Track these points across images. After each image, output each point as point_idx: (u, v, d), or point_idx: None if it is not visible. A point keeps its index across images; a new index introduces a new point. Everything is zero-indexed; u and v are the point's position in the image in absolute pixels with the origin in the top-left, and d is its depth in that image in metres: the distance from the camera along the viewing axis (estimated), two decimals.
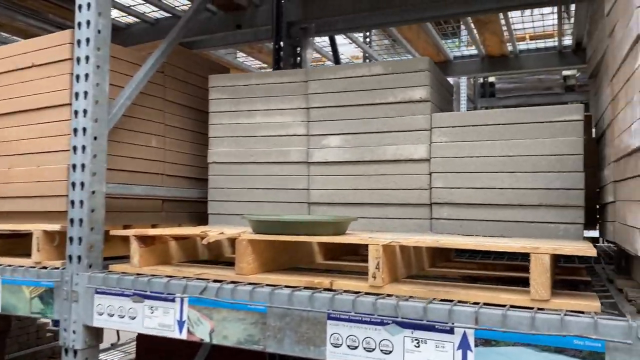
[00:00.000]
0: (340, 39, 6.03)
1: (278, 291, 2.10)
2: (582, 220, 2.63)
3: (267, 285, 2.20)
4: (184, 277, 2.38)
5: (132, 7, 5.05)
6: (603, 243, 4.42)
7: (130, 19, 5.35)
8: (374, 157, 3.15)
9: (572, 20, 5.34)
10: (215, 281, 2.27)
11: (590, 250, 1.87)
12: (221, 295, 2.18)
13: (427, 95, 3.03)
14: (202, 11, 4.26)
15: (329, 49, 5.70)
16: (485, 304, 1.80)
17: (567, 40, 5.98)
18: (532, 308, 1.73)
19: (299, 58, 4.64)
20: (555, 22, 5.58)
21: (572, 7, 5.12)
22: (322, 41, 6.33)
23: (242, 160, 3.52)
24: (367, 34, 6.37)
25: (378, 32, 6.57)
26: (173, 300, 2.29)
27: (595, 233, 3.29)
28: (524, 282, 2.08)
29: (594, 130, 3.32)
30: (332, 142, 3.27)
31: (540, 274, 1.73)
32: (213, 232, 2.57)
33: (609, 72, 2.36)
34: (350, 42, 6.22)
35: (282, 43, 4.67)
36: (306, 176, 3.36)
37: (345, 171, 3.24)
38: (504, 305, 1.77)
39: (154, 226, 3.47)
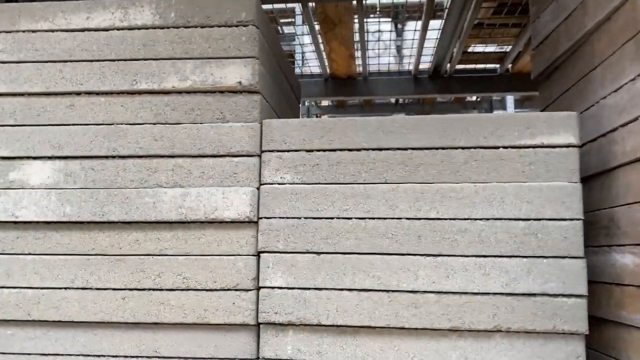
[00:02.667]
0: None
1: None
2: None
3: None
4: None
5: None
6: None
7: None
8: (129, 213, 1.36)
9: (437, 39, 4.19)
10: None
11: None
12: None
13: (254, 79, 1.37)
14: None
15: None
16: None
17: (425, 64, 4.83)
18: None
19: None
20: (413, 43, 4.41)
21: (436, 26, 4.00)
22: None
23: None
24: None
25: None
26: None
27: None
28: None
29: None
30: (32, 176, 1.41)
31: None
32: None
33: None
34: None
35: None
36: None
37: (63, 246, 1.39)
38: None
39: None
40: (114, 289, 1.37)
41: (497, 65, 4.85)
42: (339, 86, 5.00)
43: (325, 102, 6.03)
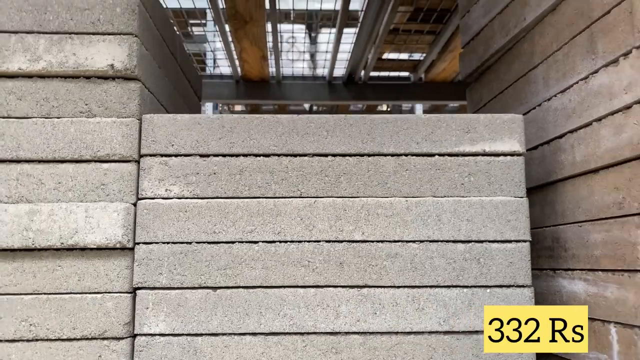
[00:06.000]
0: None
1: None
2: None
3: None
4: None
5: None
6: None
7: None
8: None
9: (352, 45, 4.07)
10: None
11: None
12: None
13: (130, 62, 1.06)
14: None
15: None
16: None
17: (340, 70, 4.72)
18: None
19: None
20: (327, 47, 4.27)
21: (351, 32, 3.88)
22: None
23: None
24: None
25: None
26: None
27: None
28: None
29: None
30: None
31: None
32: None
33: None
34: None
35: None
36: None
37: None
38: None
39: None
40: None
41: (411, 74, 4.84)
42: (251, 89, 4.74)
43: (238, 107, 5.72)
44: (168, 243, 1.03)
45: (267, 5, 3.28)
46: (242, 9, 3.51)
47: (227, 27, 3.78)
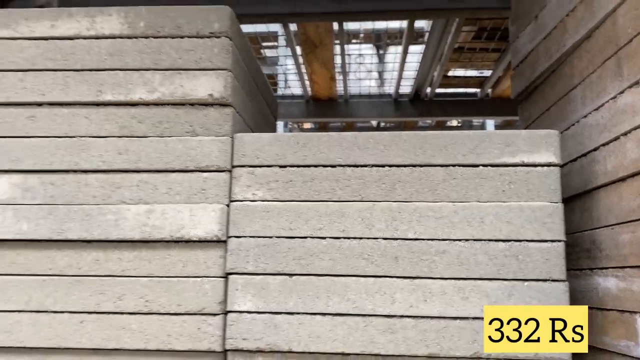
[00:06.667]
0: None
1: None
2: None
3: None
4: None
5: None
6: None
7: None
8: (90, 231, 1.28)
9: (418, 64, 4.22)
10: None
11: None
12: None
13: (226, 92, 1.32)
14: None
15: None
16: None
17: (406, 88, 4.87)
18: None
19: None
20: (394, 66, 4.42)
21: (419, 49, 4.03)
22: None
23: None
24: None
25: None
26: None
27: None
28: None
29: None
30: None
31: None
32: None
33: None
34: None
35: None
36: None
37: (17, 265, 1.30)
38: None
39: None
40: (71, 312, 1.27)
41: (478, 90, 4.88)
42: (320, 108, 4.99)
43: (307, 125, 6.00)
44: (254, 237, 1.27)
45: (336, 27, 3.51)
46: (312, 34, 3.78)
47: (298, 51, 4.06)
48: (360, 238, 1.24)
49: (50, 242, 1.30)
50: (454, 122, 6.06)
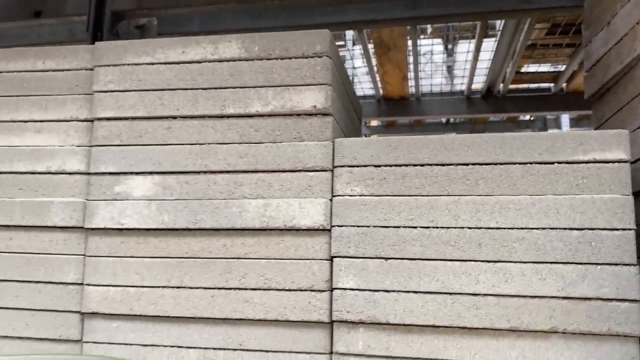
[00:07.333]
0: None
1: None
2: None
3: None
4: None
5: None
6: None
7: None
8: (218, 221, 1.55)
9: (490, 61, 4.30)
10: None
11: None
12: None
13: (327, 103, 1.55)
14: None
15: None
16: None
17: (478, 84, 4.95)
18: None
19: None
20: (465, 64, 4.50)
21: (490, 45, 4.10)
22: None
23: None
24: None
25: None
26: None
27: None
28: None
29: None
30: (135, 189, 1.62)
31: None
32: None
33: None
34: None
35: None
36: (80, 257, 1.65)
37: (160, 249, 1.59)
38: None
39: None
40: (204, 288, 1.55)
41: (551, 85, 4.85)
42: (391, 107, 5.14)
43: (374, 122, 6.16)
44: (354, 226, 1.49)
45: (408, 26, 3.64)
46: (387, 38, 3.96)
47: (370, 50, 4.23)
48: (448, 227, 1.44)
49: (186, 231, 1.59)
50: (527, 117, 6.00)
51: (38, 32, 3.71)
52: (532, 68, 4.46)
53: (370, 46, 3.98)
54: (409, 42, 3.94)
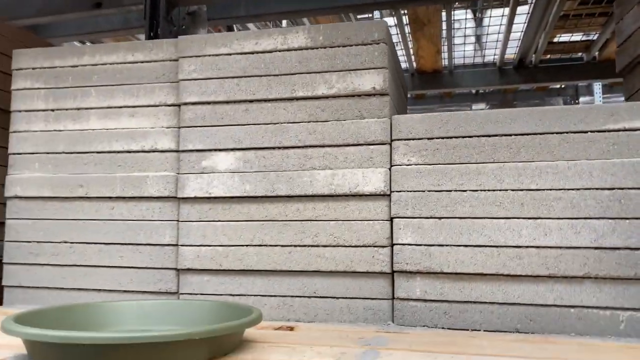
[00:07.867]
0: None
1: None
2: None
3: None
4: None
5: None
6: None
7: None
8: (292, 189, 1.81)
9: (522, 32, 4.42)
10: None
11: None
12: None
13: (384, 84, 1.77)
14: None
15: None
16: None
17: (510, 55, 5.06)
18: None
19: None
20: (498, 36, 4.61)
21: (522, 16, 4.20)
22: None
23: (64, 194, 2.02)
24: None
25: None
26: None
27: None
28: None
29: None
30: (219, 163, 1.89)
31: None
32: None
33: None
34: None
35: (159, 30, 3.21)
36: (174, 222, 1.94)
37: (243, 214, 1.86)
38: None
39: None
40: (282, 246, 1.83)
41: (584, 54, 4.92)
42: (424, 80, 5.29)
43: None
44: (410, 191, 1.73)
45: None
46: (422, 14, 4.11)
47: (406, 29, 4.40)
48: (493, 190, 1.66)
49: (265, 198, 1.86)
50: (557, 85, 6.06)
51: (95, 21, 3.99)
52: (564, 38, 4.54)
53: (405, 21, 4.13)
54: (444, 15, 4.07)
